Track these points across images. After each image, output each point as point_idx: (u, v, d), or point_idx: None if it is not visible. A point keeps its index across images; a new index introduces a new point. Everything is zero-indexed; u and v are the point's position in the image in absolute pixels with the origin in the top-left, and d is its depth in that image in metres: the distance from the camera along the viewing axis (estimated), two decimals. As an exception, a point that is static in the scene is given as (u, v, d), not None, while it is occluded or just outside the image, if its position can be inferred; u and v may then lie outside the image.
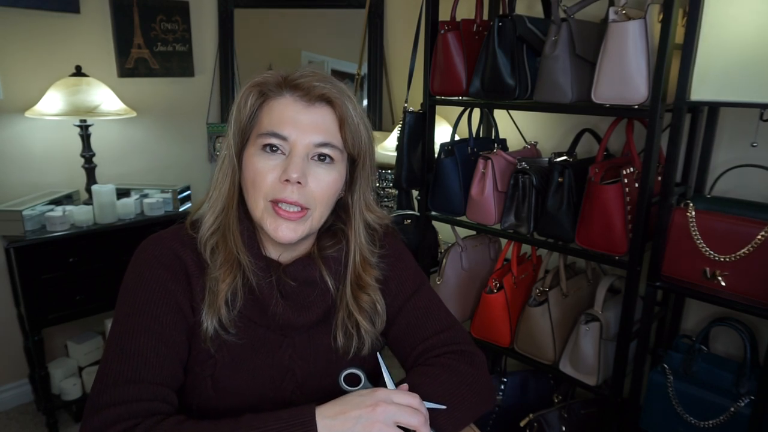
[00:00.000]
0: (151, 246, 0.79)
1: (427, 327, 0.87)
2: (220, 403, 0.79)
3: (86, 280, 1.94)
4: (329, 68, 2.50)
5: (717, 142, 1.45)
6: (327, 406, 0.68)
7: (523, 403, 1.70)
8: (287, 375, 0.83)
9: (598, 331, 1.43)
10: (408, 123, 1.70)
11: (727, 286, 1.19)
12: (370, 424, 0.65)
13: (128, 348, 0.71)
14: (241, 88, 0.80)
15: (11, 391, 2.20)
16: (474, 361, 0.84)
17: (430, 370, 0.81)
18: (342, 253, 0.85)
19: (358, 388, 0.72)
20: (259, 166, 0.76)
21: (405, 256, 0.93)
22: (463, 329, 0.90)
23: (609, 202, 1.30)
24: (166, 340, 0.74)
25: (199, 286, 0.78)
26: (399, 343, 0.89)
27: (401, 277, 0.90)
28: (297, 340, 0.83)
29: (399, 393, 0.70)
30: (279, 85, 0.77)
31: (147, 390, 0.69)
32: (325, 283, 0.82)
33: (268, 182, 0.75)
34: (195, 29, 2.40)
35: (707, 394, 1.27)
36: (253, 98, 0.78)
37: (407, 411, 0.68)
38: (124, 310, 0.75)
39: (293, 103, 0.77)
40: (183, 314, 0.77)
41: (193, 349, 0.78)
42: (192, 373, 0.79)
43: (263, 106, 0.78)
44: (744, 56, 1.11)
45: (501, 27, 1.40)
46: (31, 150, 2.05)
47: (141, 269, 0.77)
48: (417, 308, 0.88)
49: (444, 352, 0.84)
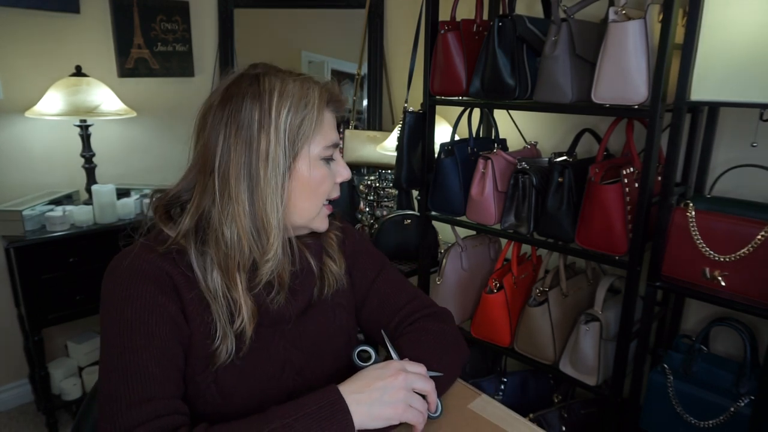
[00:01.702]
0: (128, 261, 0.75)
1: (398, 300, 0.95)
2: (227, 408, 0.79)
3: (86, 280, 1.94)
4: (329, 68, 2.50)
5: (717, 142, 1.45)
6: (348, 383, 0.73)
7: (523, 403, 1.70)
8: (285, 366, 0.84)
9: (598, 331, 1.43)
10: (408, 123, 1.70)
11: (727, 286, 1.19)
12: (395, 391, 0.72)
13: (132, 368, 0.70)
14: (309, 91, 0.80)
15: (11, 391, 2.20)
16: (444, 319, 0.95)
17: (414, 336, 0.89)
18: (317, 238, 0.92)
19: (370, 363, 0.78)
20: (325, 174, 0.83)
21: (365, 244, 1.01)
22: (425, 294, 1.02)
23: (609, 202, 1.30)
24: (165, 352, 0.73)
25: (190, 296, 0.76)
26: (373, 320, 0.96)
27: (366, 261, 0.98)
28: (287, 330, 0.85)
29: (410, 363, 0.77)
30: (326, 101, 0.83)
31: (162, 405, 0.69)
32: (309, 266, 0.88)
33: (329, 186, 0.84)
34: (195, 29, 2.40)
35: (707, 394, 1.27)
36: (321, 103, 0.81)
37: (421, 378, 0.76)
38: (114, 329, 0.72)
39: (332, 114, 0.85)
40: (177, 325, 0.75)
41: (190, 358, 0.77)
42: (193, 383, 0.77)
43: (320, 116, 0.81)
44: (744, 56, 1.11)
45: (501, 27, 1.40)
46: (31, 150, 2.05)
47: (123, 285, 0.74)
48: (385, 286, 0.96)
49: (417, 318, 0.93)
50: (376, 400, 0.71)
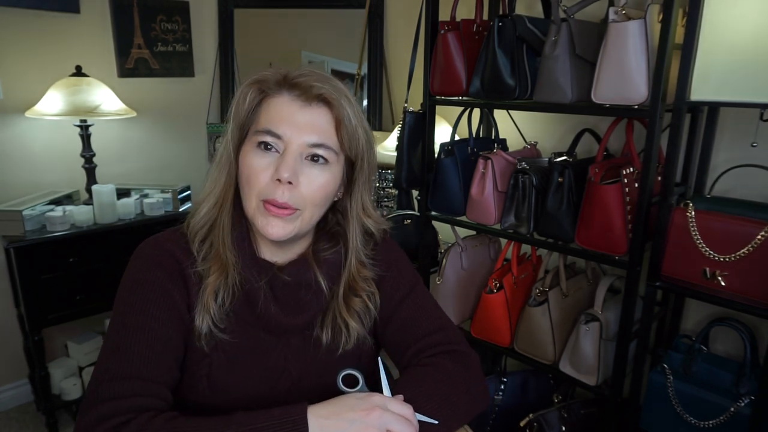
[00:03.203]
0: (148, 248, 0.81)
1: (421, 327, 0.87)
2: (215, 402, 0.80)
3: (86, 280, 1.94)
4: (329, 68, 2.50)
5: (717, 142, 1.45)
6: (321, 405, 0.67)
7: (523, 403, 1.70)
8: (283, 375, 0.84)
9: (598, 331, 1.43)
10: (408, 123, 1.70)
11: (727, 286, 1.18)
12: (364, 428, 0.65)
13: (124, 345, 0.72)
14: (241, 85, 0.80)
15: (11, 391, 2.20)
16: (468, 362, 0.84)
17: (425, 369, 0.81)
18: (339, 255, 0.85)
19: (355, 390, 0.72)
20: (253, 163, 0.76)
21: (400, 259, 0.93)
22: (457, 329, 0.90)
23: (609, 202, 1.30)
24: (161, 337, 0.74)
25: (196, 286, 0.79)
26: (394, 343, 0.89)
27: (396, 279, 0.90)
28: (292, 341, 0.84)
29: (394, 401, 0.69)
30: (278, 83, 0.77)
31: (141, 386, 0.70)
32: (318, 285, 0.83)
33: (261, 181, 0.75)
34: (195, 29, 2.40)
35: (707, 394, 1.27)
36: (252, 95, 0.78)
37: (401, 420, 0.67)
38: (120, 309, 0.76)
39: (291, 101, 0.76)
40: (179, 313, 0.77)
41: (189, 349, 0.79)
42: (188, 372, 0.79)
43: (262, 104, 0.78)
44: (744, 56, 1.11)
45: (501, 27, 1.40)
46: (31, 150, 2.05)
47: (137, 270, 0.78)
48: (411, 309, 0.89)
49: (438, 351, 0.84)
50: (341, 431, 0.64)
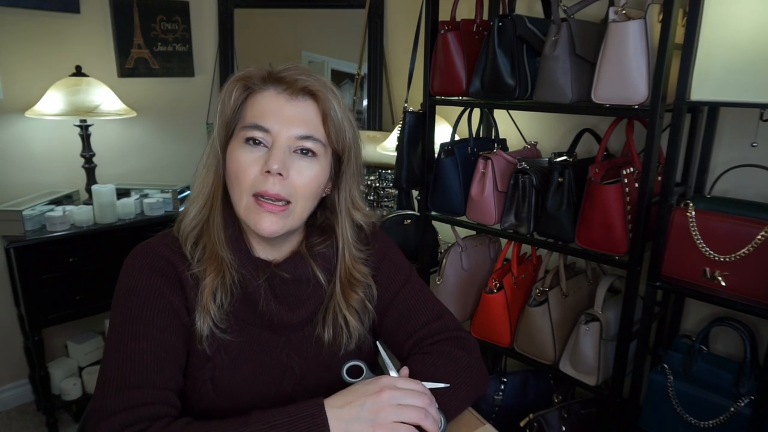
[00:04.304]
0: (140, 254, 0.80)
1: (420, 317, 0.89)
2: (222, 406, 0.79)
3: (86, 280, 1.94)
4: (329, 68, 2.50)
5: (717, 142, 1.45)
6: (334, 397, 0.69)
7: (523, 403, 1.70)
8: (287, 372, 0.84)
9: (598, 331, 1.43)
10: (408, 123, 1.70)
11: (727, 286, 1.18)
12: (378, 408, 0.67)
13: (127, 354, 0.71)
14: (226, 83, 0.80)
15: (11, 391, 2.20)
16: (467, 347, 0.87)
17: (428, 357, 0.83)
18: (331, 249, 0.86)
19: (361, 379, 0.74)
20: (242, 158, 0.76)
21: (392, 251, 0.95)
22: (454, 317, 0.93)
23: (609, 202, 1.30)
24: (164, 344, 0.74)
25: (193, 289, 0.78)
26: (393, 334, 0.90)
27: (390, 271, 0.92)
28: (293, 338, 0.84)
29: (402, 379, 0.72)
30: (263, 79, 0.78)
31: (151, 394, 0.69)
32: (317, 279, 0.84)
33: (250, 175, 0.75)
34: (195, 29, 2.40)
35: (707, 394, 1.27)
36: (237, 92, 0.79)
37: (411, 393, 0.69)
38: (119, 318, 0.75)
39: (276, 96, 0.77)
40: (179, 318, 0.77)
41: (191, 353, 0.78)
42: (191, 378, 0.79)
43: (248, 100, 0.79)
44: (744, 56, 1.11)
45: (501, 27, 1.40)
46: (31, 150, 2.05)
47: (131, 278, 0.77)
48: (408, 300, 0.90)
49: (438, 339, 0.87)
50: (354, 417, 0.66)
